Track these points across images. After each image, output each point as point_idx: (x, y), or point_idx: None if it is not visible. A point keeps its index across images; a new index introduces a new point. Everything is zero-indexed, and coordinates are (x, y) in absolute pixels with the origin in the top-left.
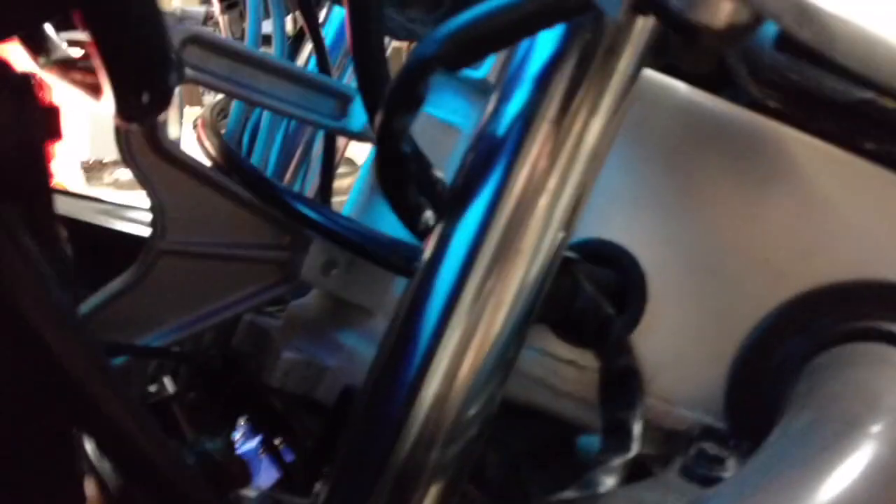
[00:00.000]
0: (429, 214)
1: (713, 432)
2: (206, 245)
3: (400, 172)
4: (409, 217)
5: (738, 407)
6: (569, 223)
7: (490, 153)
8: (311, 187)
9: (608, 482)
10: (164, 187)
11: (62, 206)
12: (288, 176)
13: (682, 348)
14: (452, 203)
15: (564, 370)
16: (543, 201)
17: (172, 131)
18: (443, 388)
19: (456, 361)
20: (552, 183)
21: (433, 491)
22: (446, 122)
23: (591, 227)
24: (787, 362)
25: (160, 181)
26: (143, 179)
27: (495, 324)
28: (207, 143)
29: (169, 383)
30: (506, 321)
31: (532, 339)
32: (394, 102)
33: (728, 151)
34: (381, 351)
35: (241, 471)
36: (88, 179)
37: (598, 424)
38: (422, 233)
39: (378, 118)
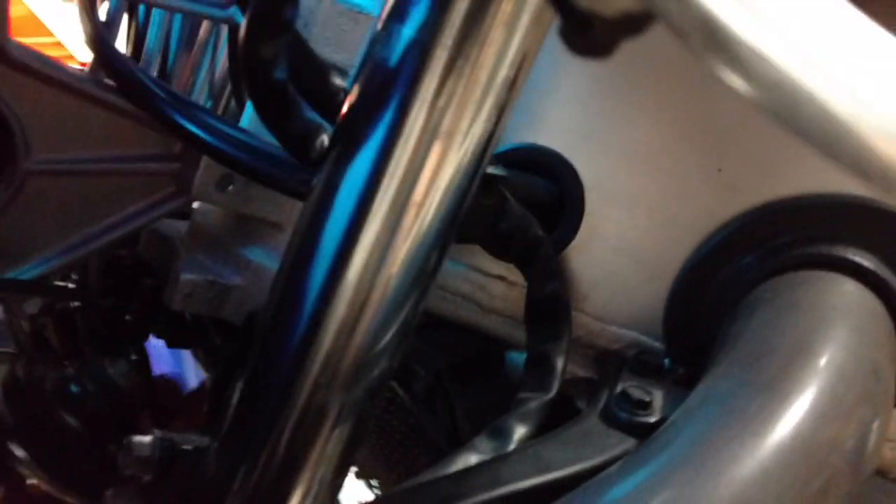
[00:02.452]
0: (324, 139)
1: (646, 355)
2: (81, 161)
3: (279, 104)
4: (298, 149)
5: (676, 328)
6: (479, 162)
7: (381, 87)
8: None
9: (521, 430)
10: (20, 101)
11: None
12: (188, 72)
13: (621, 264)
14: (348, 134)
15: (492, 285)
16: (447, 144)
17: None
18: (345, 320)
19: (358, 292)
20: (457, 125)
21: (337, 434)
22: (353, 7)
23: (525, 132)
24: (731, 284)
25: (14, 95)
26: None
27: (398, 254)
28: (82, 27)
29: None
30: (411, 252)
31: (459, 254)
32: (256, 29)
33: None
34: (277, 279)
35: (147, 394)
36: None
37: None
38: (314, 160)
39: (240, 49)
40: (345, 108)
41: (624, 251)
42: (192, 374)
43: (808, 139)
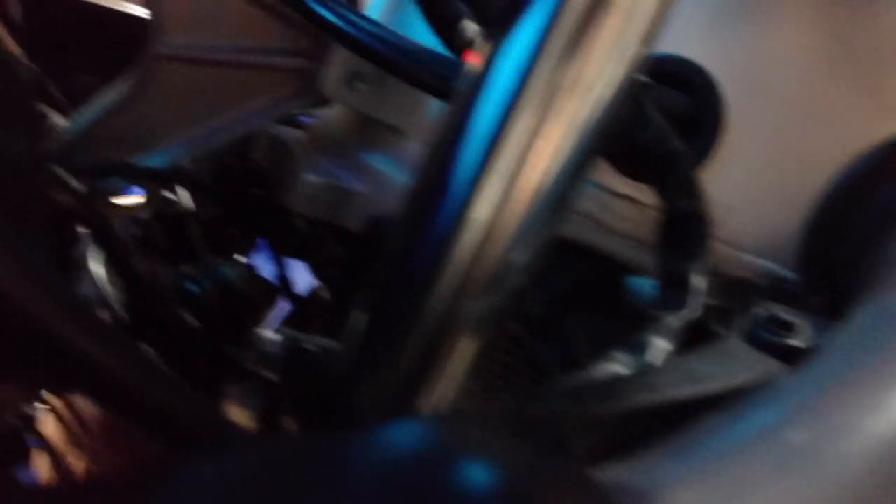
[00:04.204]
0: (468, 25)
1: (780, 284)
2: (213, 49)
3: None
4: (446, 30)
5: (813, 256)
6: (650, 35)
7: None
8: None
9: (661, 346)
10: None
11: None
12: None
13: (759, 187)
14: (505, 16)
15: (619, 206)
16: (614, 18)
17: None
18: (483, 231)
19: (500, 202)
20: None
21: (466, 343)
22: None
23: (666, 42)
24: (881, 211)
25: None
26: None
27: (545, 163)
28: None
29: (186, 197)
30: (558, 161)
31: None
32: None
33: None
34: (416, 184)
35: (266, 294)
36: None
37: (652, 267)
38: (459, 47)
39: None
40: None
41: (763, 173)
42: None
43: None
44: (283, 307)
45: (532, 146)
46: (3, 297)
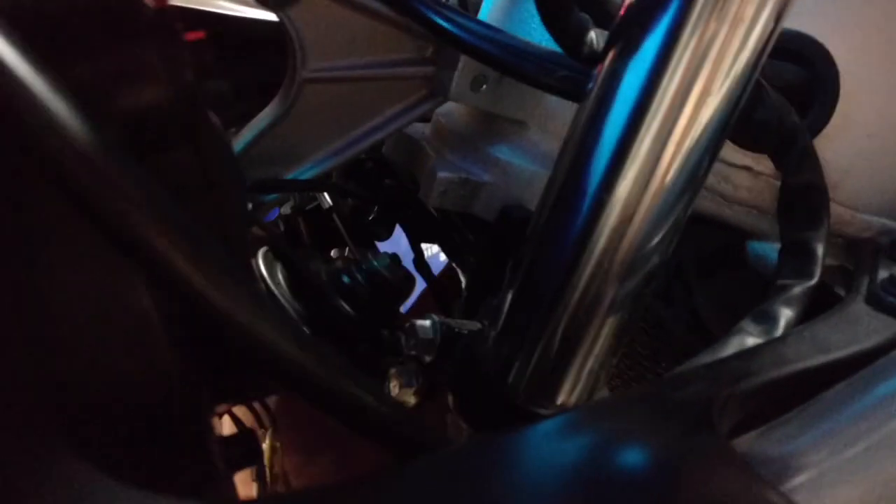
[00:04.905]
0: (592, 36)
1: None
2: (349, 68)
3: (558, 2)
4: (572, 44)
5: None
6: (764, 47)
7: None
8: None
9: (788, 314)
10: (298, 14)
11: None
12: None
13: (874, 150)
14: (633, 24)
15: (737, 176)
16: (728, 30)
17: None
18: (621, 218)
19: (638, 187)
20: (746, 8)
21: (609, 324)
22: None
23: None
24: None
25: (293, 10)
26: (278, 9)
27: (680, 152)
28: None
29: (324, 198)
30: (690, 151)
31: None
32: None
33: None
34: (553, 178)
35: (408, 281)
36: None
37: (771, 233)
38: (585, 59)
39: None
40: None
41: (878, 137)
42: None
43: None
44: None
45: (667, 133)
46: (223, 314)
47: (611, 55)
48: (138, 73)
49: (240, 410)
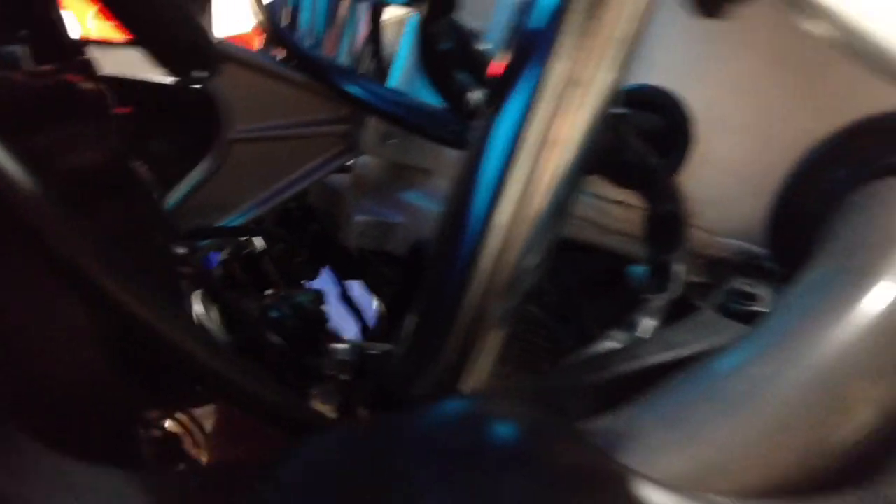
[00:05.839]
0: (473, 95)
1: (753, 260)
2: (271, 129)
3: (442, 67)
4: (455, 102)
5: (778, 235)
6: (605, 105)
7: (527, 48)
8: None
9: (649, 323)
10: (222, 83)
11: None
12: (331, 44)
13: (728, 183)
14: (499, 91)
15: (613, 209)
16: (580, 91)
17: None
18: (502, 245)
19: (512, 218)
20: (587, 75)
21: (495, 336)
22: None
23: (641, 73)
24: (827, 193)
25: (221, 78)
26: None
27: (544, 186)
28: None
29: (258, 242)
30: (554, 184)
31: (584, 184)
32: (430, 11)
33: None
34: (445, 215)
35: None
36: None
37: (644, 256)
38: (468, 113)
39: (419, 25)
40: (500, 69)
41: (730, 172)
42: None
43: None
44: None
45: (533, 175)
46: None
47: (485, 111)
48: (76, 142)
49: None
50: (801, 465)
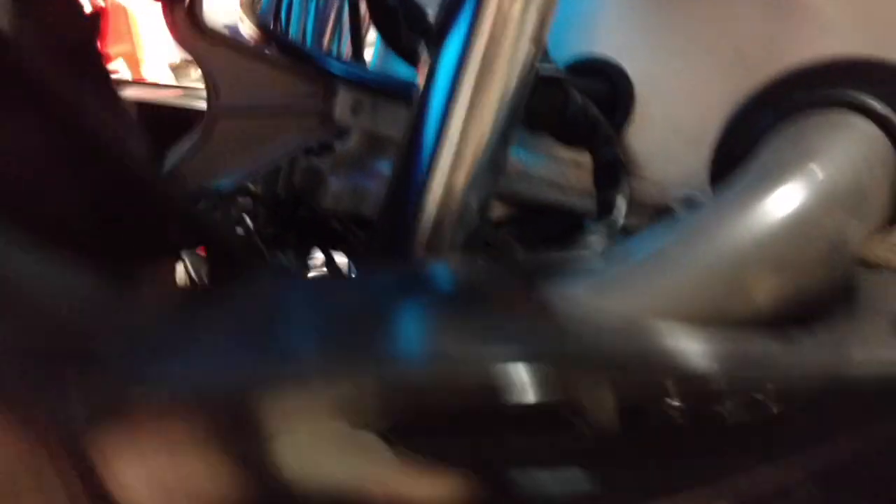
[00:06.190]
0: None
1: (691, 195)
2: (252, 105)
3: (391, 22)
4: (408, 56)
5: (718, 182)
6: (537, 39)
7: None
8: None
9: (593, 240)
10: (209, 62)
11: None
12: (325, 42)
13: (670, 138)
14: (436, 38)
15: (568, 170)
16: (511, 28)
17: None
18: (446, 186)
19: (455, 163)
20: (516, 11)
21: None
22: None
23: (585, 45)
24: (757, 136)
25: (206, 57)
26: (192, 55)
27: (479, 133)
28: (246, 23)
29: (249, 222)
30: (490, 128)
31: (540, 147)
32: None
33: None
34: (398, 157)
35: None
36: (177, 77)
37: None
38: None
39: None
40: (435, 25)
41: (671, 128)
42: None
43: None
44: None
45: (468, 124)
46: None
47: (426, 61)
48: None
49: None
50: None
